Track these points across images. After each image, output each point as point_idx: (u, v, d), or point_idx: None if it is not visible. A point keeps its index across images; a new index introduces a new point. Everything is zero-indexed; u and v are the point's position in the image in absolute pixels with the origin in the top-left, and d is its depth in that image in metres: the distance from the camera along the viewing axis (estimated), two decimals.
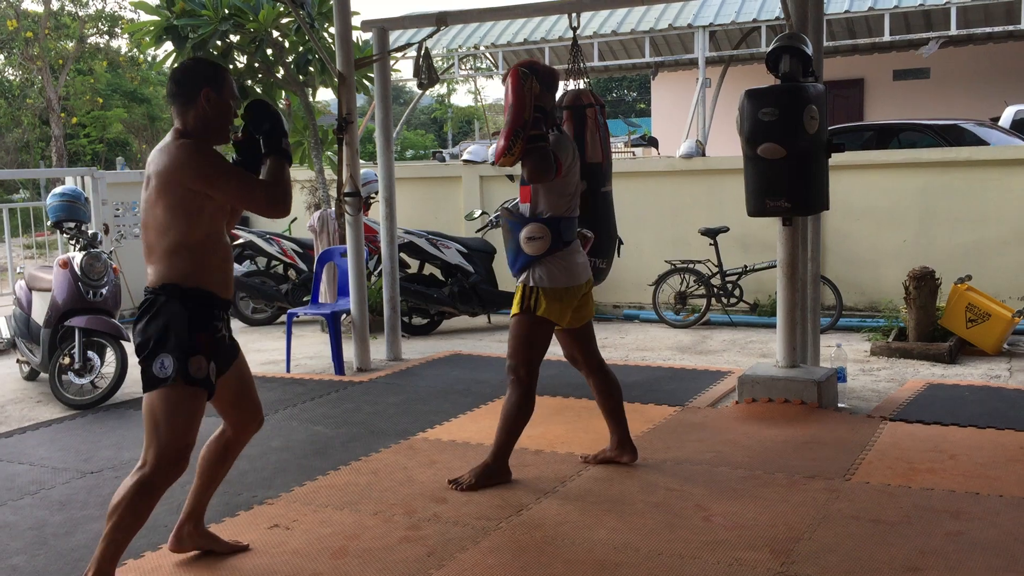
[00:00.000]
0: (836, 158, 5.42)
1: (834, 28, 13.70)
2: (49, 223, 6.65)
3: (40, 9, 22.07)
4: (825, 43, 6.35)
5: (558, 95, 4.66)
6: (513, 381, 4.23)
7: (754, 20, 13.29)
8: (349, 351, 6.90)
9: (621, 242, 5.39)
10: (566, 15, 6.22)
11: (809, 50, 5.14)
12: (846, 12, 12.79)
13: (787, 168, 5.03)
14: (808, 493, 4.03)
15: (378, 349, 7.19)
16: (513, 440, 4.29)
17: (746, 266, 8.05)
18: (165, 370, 3.11)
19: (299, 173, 10.14)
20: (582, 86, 5.66)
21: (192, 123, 3.20)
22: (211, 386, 3.21)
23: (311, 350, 7.64)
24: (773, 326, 6.36)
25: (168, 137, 3.23)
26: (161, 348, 3.12)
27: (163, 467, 3.12)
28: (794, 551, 3.44)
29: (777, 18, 12.68)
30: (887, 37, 12.92)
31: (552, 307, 4.16)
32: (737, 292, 8.10)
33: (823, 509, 3.84)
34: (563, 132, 4.35)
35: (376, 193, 7.59)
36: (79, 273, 6.05)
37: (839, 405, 5.43)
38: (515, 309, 4.25)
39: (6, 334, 6.76)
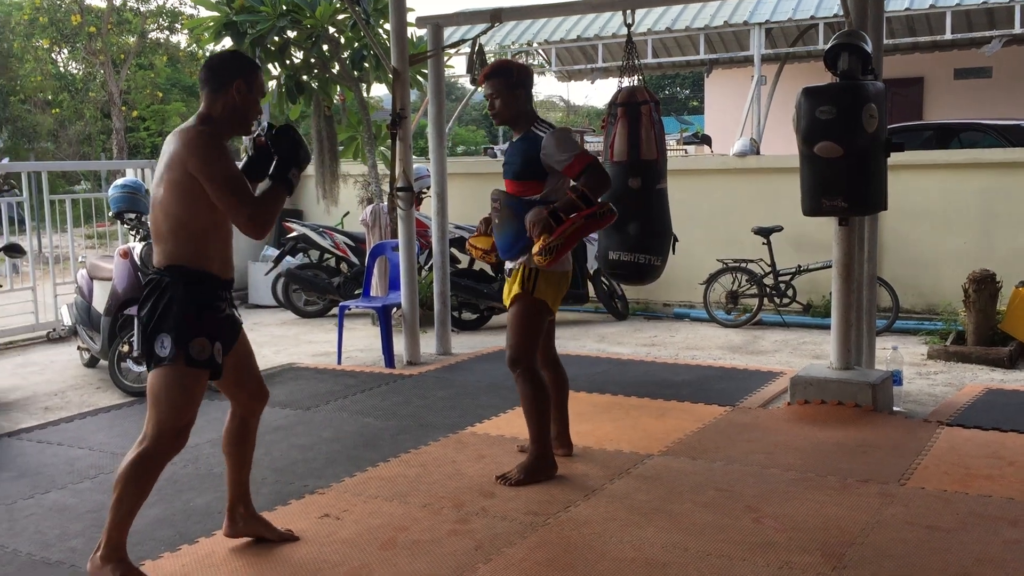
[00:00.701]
0: (895, 158, 5.33)
1: (894, 26, 13.46)
2: (110, 214, 6.81)
3: (103, 4, 22.55)
4: (885, 41, 6.23)
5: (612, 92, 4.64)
6: (519, 374, 4.24)
7: (812, 17, 13.11)
8: (399, 344, 6.95)
9: (676, 239, 5.35)
10: (620, 12, 6.19)
11: (869, 48, 5.05)
12: (906, 10, 12.56)
13: (844, 167, 4.96)
14: (861, 497, 3.97)
15: (428, 343, 7.24)
16: (546, 428, 4.30)
17: (800, 266, 7.95)
18: (164, 349, 3.19)
19: (352, 167, 10.24)
20: (636, 83, 5.63)
21: (219, 111, 3.28)
22: (215, 366, 3.28)
23: (362, 343, 7.71)
24: (827, 327, 6.28)
25: (191, 121, 3.29)
26: (162, 328, 3.20)
27: (160, 442, 3.22)
28: (846, 555, 3.40)
29: (835, 15, 12.50)
30: (948, 35, 12.67)
31: (548, 291, 4.23)
32: (790, 292, 8.00)
33: (877, 514, 3.78)
34: (552, 126, 4.28)
35: (428, 188, 7.64)
36: (138, 263, 6.17)
37: (894, 409, 5.34)
38: (516, 290, 4.26)
39: (68, 321, 6.93)
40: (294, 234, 9.18)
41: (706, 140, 14.78)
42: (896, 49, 13.99)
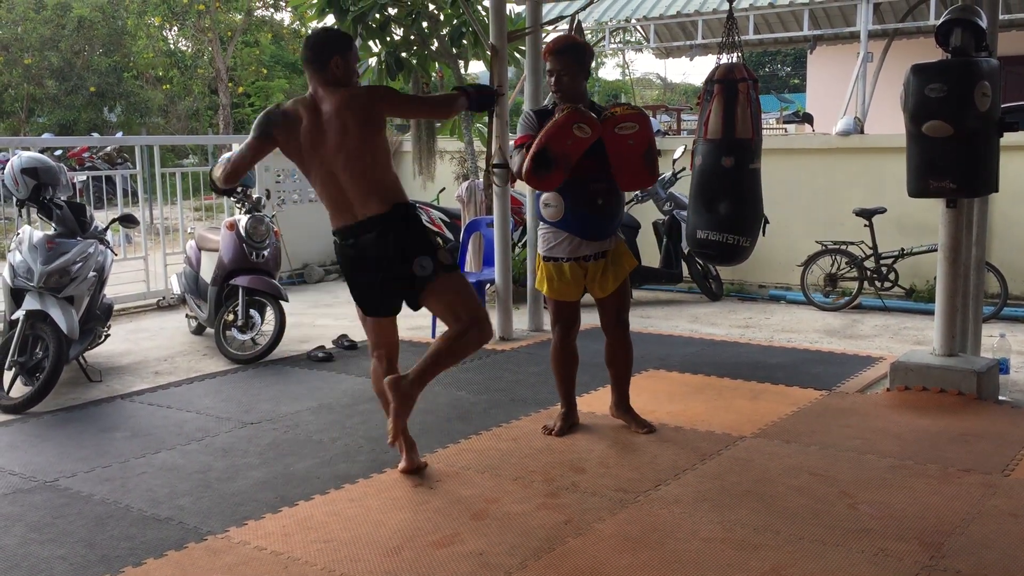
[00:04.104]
0: (1008, 138, 5.13)
1: (1011, 0, 12.85)
2: None
3: None
4: (1001, 16, 5.97)
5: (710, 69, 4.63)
6: (626, 332, 4.66)
7: None
8: (492, 320, 7.01)
9: (767, 221, 5.26)
10: None
11: (983, 23, 4.86)
12: None
13: (954, 147, 4.79)
14: (962, 487, 3.87)
15: (520, 319, 7.29)
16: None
17: (903, 249, 7.72)
18: (426, 269, 3.75)
19: (449, 144, 10.34)
20: (735, 60, 5.53)
21: (329, 82, 3.74)
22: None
23: None
24: (930, 313, 6.09)
25: (322, 92, 3.75)
26: (417, 252, 3.74)
27: (476, 325, 3.80)
28: (945, 545, 3.32)
29: None
30: None
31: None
32: (892, 276, 7.78)
33: (978, 504, 3.68)
34: (603, 107, 4.46)
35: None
36: (244, 235, 6.38)
37: (1000, 398, 5.16)
38: (626, 267, 4.54)
39: (177, 290, 7.21)
40: None
41: (807, 119, 14.42)
42: (1012, 25, 13.35)
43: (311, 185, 3.93)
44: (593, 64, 4.70)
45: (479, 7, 8.56)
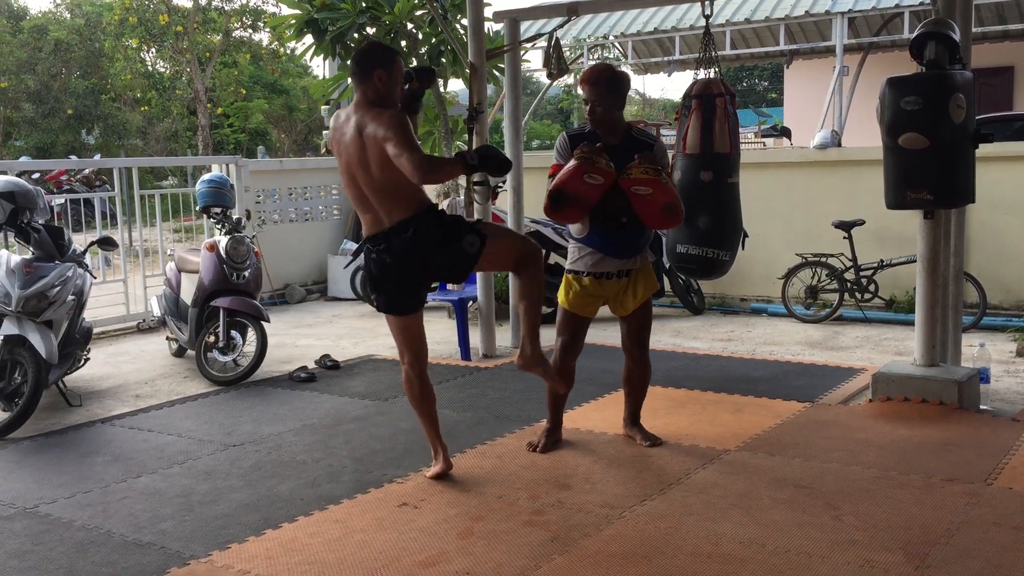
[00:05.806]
0: (983, 149, 5.18)
1: (983, 13, 13.03)
2: (197, 208, 7.00)
3: (189, 4, 23.17)
4: (974, 29, 6.05)
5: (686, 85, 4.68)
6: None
7: (896, 5, 12.78)
8: (475, 337, 7.01)
9: (746, 235, 5.29)
10: (698, 3, 6.13)
11: (956, 36, 4.92)
12: None
13: (930, 159, 4.84)
14: (946, 496, 3.89)
15: (503, 336, 7.29)
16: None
17: (882, 260, 7.77)
18: (474, 246, 3.95)
19: None
20: (713, 75, 5.58)
21: (371, 96, 3.84)
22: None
23: (439, 335, 7.79)
24: (910, 323, 6.13)
25: (360, 106, 3.85)
26: (460, 234, 3.94)
27: (533, 251, 4.08)
28: (930, 555, 3.33)
29: (921, 3, 12.17)
30: None
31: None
32: (872, 287, 7.83)
33: (962, 514, 3.70)
34: (646, 133, 4.62)
35: (504, 182, 7.67)
36: (224, 256, 6.34)
37: (981, 407, 5.20)
38: (650, 288, 4.56)
39: (157, 312, 7.15)
40: None
41: (785, 132, 14.54)
42: (985, 37, 13.55)
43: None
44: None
45: (457, 26, 8.60)
